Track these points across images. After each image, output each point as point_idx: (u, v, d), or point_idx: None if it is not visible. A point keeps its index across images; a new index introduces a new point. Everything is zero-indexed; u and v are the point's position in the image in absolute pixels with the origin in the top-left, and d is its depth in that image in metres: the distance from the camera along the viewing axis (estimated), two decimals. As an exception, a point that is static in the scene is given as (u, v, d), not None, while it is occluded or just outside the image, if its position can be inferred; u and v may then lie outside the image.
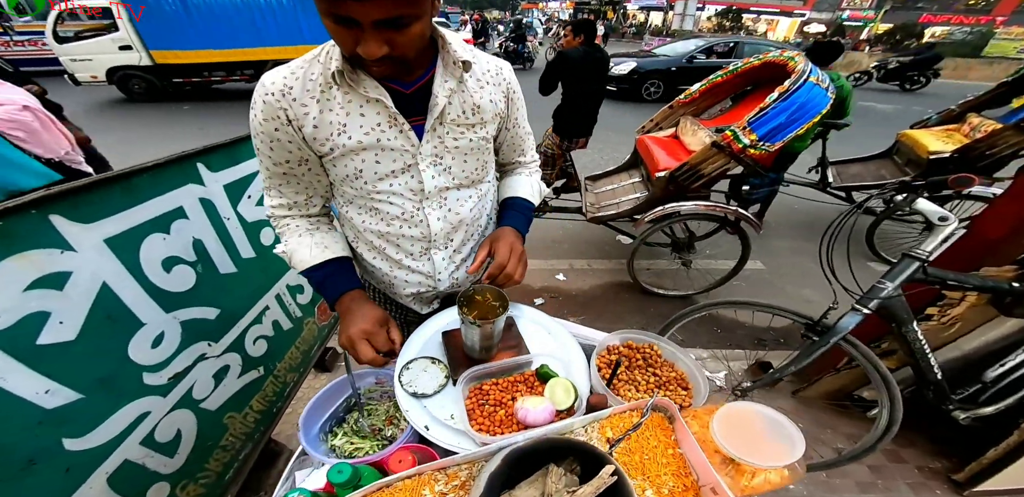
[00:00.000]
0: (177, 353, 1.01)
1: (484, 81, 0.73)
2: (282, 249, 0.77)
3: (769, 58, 2.49)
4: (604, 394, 0.64)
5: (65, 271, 0.78)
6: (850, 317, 1.17)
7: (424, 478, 0.50)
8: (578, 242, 3.31)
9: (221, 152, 1.16)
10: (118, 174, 0.88)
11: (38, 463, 0.73)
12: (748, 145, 1.99)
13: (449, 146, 0.71)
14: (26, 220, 0.73)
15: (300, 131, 0.65)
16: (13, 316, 0.70)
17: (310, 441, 0.64)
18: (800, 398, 1.77)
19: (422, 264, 0.81)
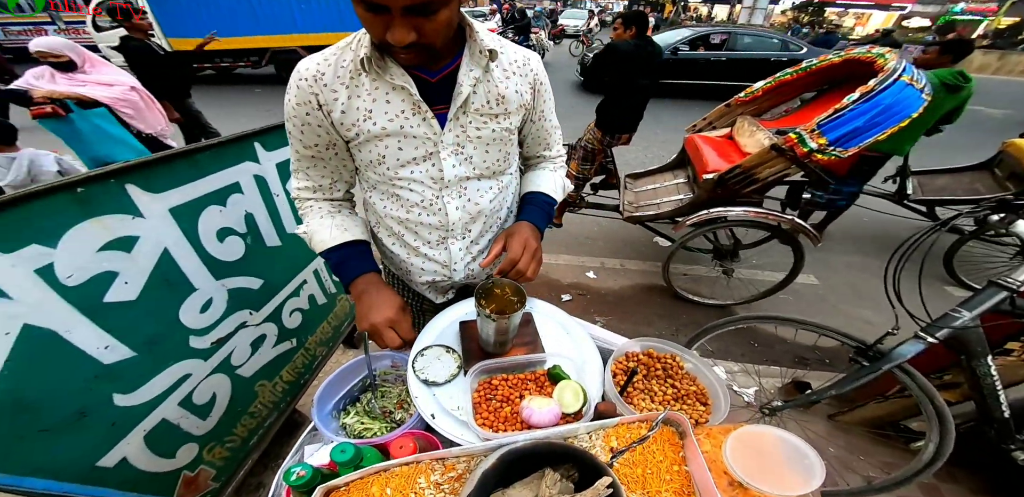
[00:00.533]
0: (222, 319, 1.10)
1: (510, 71, 0.72)
2: (303, 230, 0.80)
3: (853, 54, 2.24)
4: (614, 402, 0.62)
5: (134, 235, 0.86)
6: (911, 345, 1.06)
7: (422, 466, 0.52)
8: (612, 240, 3.22)
9: (276, 133, 1.23)
10: (186, 150, 0.96)
11: (88, 416, 0.81)
12: (815, 149, 1.81)
13: (471, 135, 0.71)
14: (106, 188, 0.81)
15: (329, 116, 0.67)
16: (86, 274, 0.79)
17: (322, 417, 0.67)
18: (837, 422, 1.64)
19: (438, 253, 0.82)
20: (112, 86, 2.35)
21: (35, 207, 0.70)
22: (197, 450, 1.05)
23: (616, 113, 2.80)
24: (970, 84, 2.44)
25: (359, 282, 0.75)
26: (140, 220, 0.88)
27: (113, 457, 0.84)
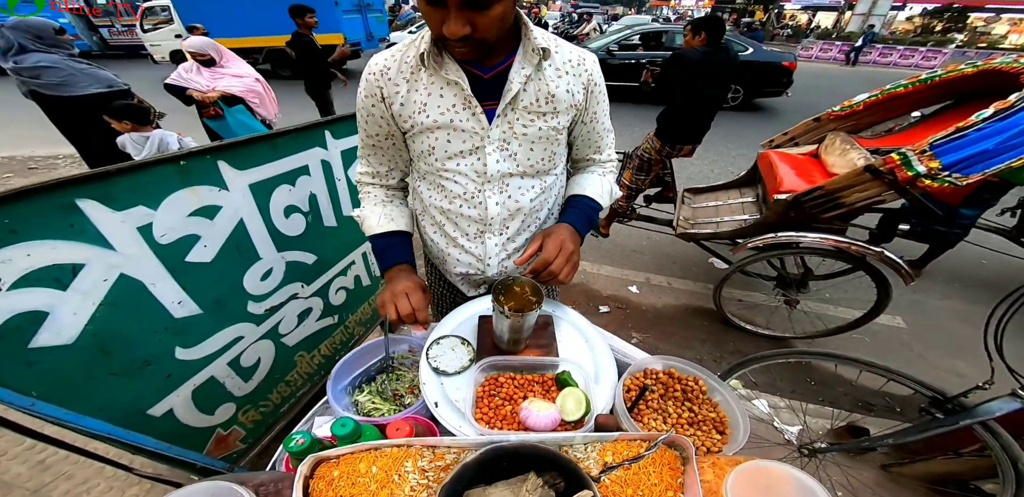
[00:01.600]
0: (278, 289, 1.22)
1: (564, 70, 0.72)
2: (358, 213, 0.87)
3: (994, 64, 1.92)
4: (620, 417, 0.59)
5: (218, 205, 0.99)
6: (1004, 402, 0.90)
7: (412, 451, 0.54)
8: (660, 256, 3.06)
9: (344, 123, 1.34)
10: (268, 134, 1.09)
11: (152, 365, 0.93)
12: (923, 174, 1.55)
13: (517, 132, 0.73)
14: (201, 162, 0.94)
15: (390, 108, 0.73)
16: (176, 234, 0.92)
17: (336, 392, 0.72)
18: (891, 473, 1.42)
19: (475, 246, 0.84)
20: (242, 78, 2.79)
21: (147, 174, 0.84)
22: (234, 410, 1.18)
23: (678, 123, 2.65)
24: None
25: (393, 269, 0.81)
26: (225, 192, 1.00)
27: (162, 407, 0.96)
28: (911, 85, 2.24)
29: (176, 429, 1.01)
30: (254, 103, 2.86)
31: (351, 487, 0.48)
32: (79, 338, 0.78)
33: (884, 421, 1.64)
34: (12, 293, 0.68)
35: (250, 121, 2.85)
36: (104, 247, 0.79)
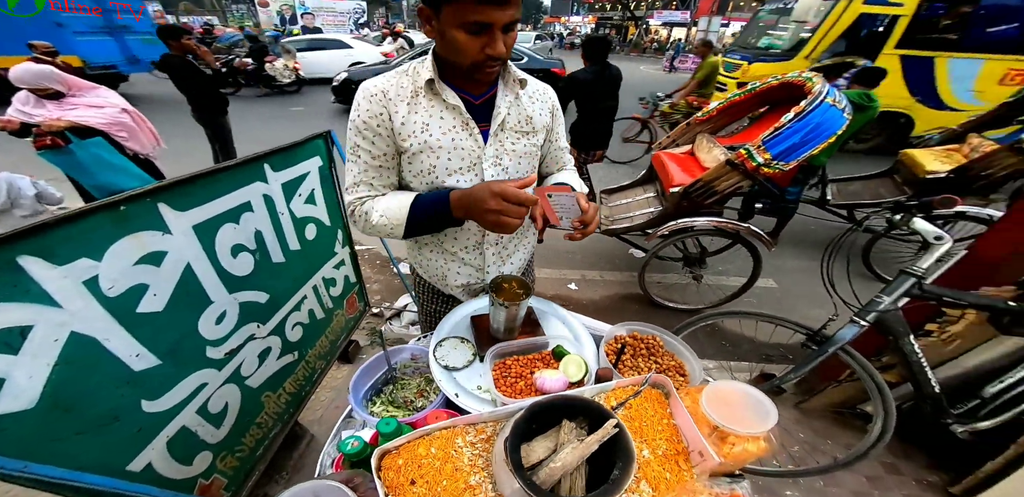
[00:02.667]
0: (234, 331, 1.16)
1: (535, 98, 0.89)
2: (381, 214, 0.83)
3: (788, 78, 2.58)
4: (610, 368, 0.75)
5: (163, 250, 0.94)
6: (848, 328, 1.26)
7: (457, 430, 0.62)
8: (590, 254, 3.41)
9: (282, 154, 1.33)
10: (208, 170, 1.05)
11: (120, 420, 0.86)
12: (762, 164, 2.06)
13: (508, 149, 0.86)
14: (142, 206, 0.89)
15: (390, 124, 0.80)
16: (124, 285, 0.86)
17: (357, 403, 0.76)
18: (803, 409, 1.82)
19: (474, 257, 0.95)
20: (103, 108, 2.36)
21: (86, 223, 0.78)
22: (211, 458, 1.09)
23: (587, 132, 3.06)
24: (874, 103, 2.88)
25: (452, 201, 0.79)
26: (168, 236, 0.95)
27: (140, 462, 0.89)
28: (742, 94, 2.87)
29: (158, 483, 0.92)
30: (121, 137, 2.44)
31: (418, 469, 0.56)
32: (40, 401, 0.70)
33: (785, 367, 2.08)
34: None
35: (111, 157, 2.39)
36: (50, 305, 0.72)
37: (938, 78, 5.82)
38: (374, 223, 0.84)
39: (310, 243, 1.52)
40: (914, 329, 1.27)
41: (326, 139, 1.58)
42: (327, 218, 1.62)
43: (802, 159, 2.04)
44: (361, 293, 1.94)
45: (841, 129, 1.99)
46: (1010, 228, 1.21)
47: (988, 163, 2.54)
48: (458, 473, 0.57)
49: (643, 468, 0.61)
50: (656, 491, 0.60)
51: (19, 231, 0.68)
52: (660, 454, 0.63)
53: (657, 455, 0.63)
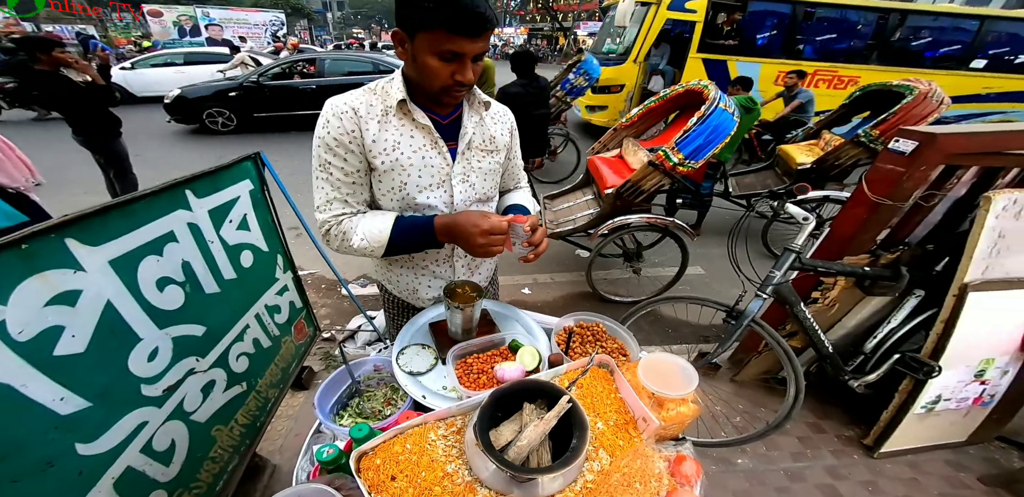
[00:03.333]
0: (170, 367, 1.08)
1: (496, 119, 0.96)
2: (363, 236, 0.85)
3: (690, 86, 2.90)
4: (560, 354, 0.83)
5: (77, 289, 0.87)
6: (755, 302, 1.46)
7: (429, 426, 0.66)
8: (541, 258, 3.52)
9: (206, 179, 1.27)
10: (120, 201, 0.99)
11: (55, 465, 0.79)
12: (677, 163, 2.31)
13: (474, 167, 0.92)
14: (47, 242, 0.83)
15: (362, 140, 0.82)
16: (34, 329, 0.79)
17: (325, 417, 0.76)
18: (738, 383, 2.05)
19: (444, 269, 0.99)
20: None
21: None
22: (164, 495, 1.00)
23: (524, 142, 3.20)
24: (757, 106, 3.38)
25: (437, 226, 0.83)
26: (82, 273, 0.89)
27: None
28: (657, 101, 3.15)
29: None
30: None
31: (397, 465, 0.59)
32: None
33: None
34: None
35: None
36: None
37: None
38: (354, 246, 0.85)
39: (247, 270, 1.45)
40: (804, 298, 1.52)
41: (255, 161, 1.53)
42: (263, 243, 1.55)
43: (708, 157, 2.32)
44: (309, 318, 1.87)
45: (734, 130, 2.31)
46: (855, 207, 1.49)
47: (837, 154, 3.09)
48: (435, 464, 0.61)
49: (599, 438, 0.69)
50: (613, 457, 0.68)
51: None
52: (612, 424, 0.72)
53: (609, 426, 0.71)
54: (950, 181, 1.37)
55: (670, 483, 0.70)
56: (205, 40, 17.84)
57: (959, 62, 6.74)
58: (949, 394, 1.54)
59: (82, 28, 18.57)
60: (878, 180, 1.37)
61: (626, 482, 0.66)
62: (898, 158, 1.30)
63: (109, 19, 24.08)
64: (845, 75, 6.72)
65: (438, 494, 0.58)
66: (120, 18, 24.34)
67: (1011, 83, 6.89)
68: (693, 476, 0.72)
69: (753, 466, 1.70)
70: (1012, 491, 1.58)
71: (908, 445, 1.68)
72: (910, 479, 1.65)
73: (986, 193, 1.30)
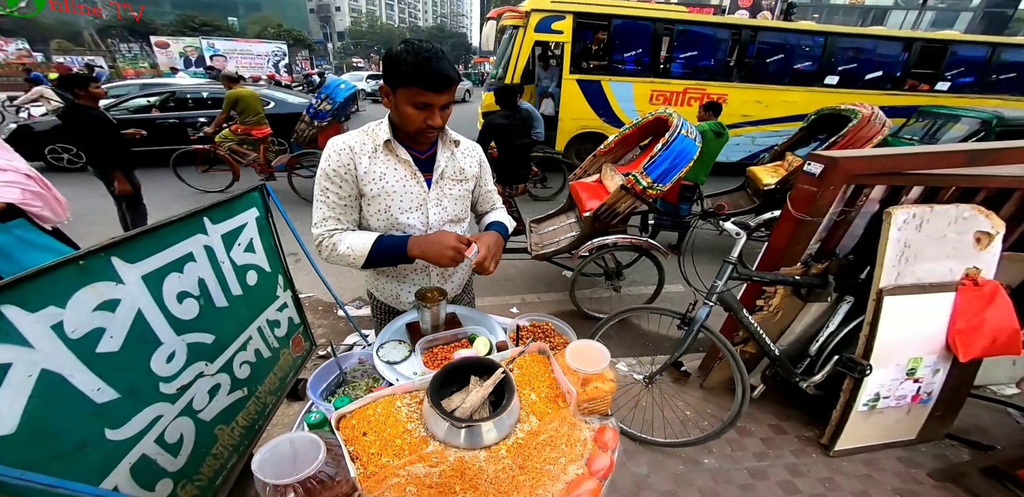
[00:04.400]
0: (184, 369, 1.27)
1: (465, 154, 1.20)
2: (348, 247, 1.07)
3: (658, 114, 3.16)
4: (506, 341, 1.03)
5: (117, 298, 1.08)
6: (703, 309, 1.66)
7: (396, 396, 0.85)
8: (527, 278, 3.74)
9: (221, 208, 1.51)
10: (153, 226, 1.22)
11: (88, 446, 0.97)
12: (647, 186, 2.56)
13: (446, 193, 1.15)
14: (97, 260, 1.05)
15: (355, 172, 1.05)
16: (84, 329, 0.99)
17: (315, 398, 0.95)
18: (707, 389, 2.19)
19: (421, 278, 1.22)
20: (5, 171, 2.09)
21: (53, 276, 0.93)
22: (172, 486, 1.17)
23: (508, 168, 3.50)
24: (726, 131, 3.69)
25: (410, 245, 1.04)
26: (121, 286, 1.10)
27: (107, 485, 0.99)
28: (631, 128, 3.41)
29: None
30: (36, 208, 2.14)
31: (368, 424, 0.78)
32: (19, 427, 0.82)
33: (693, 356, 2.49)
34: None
35: (35, 237, 2.14)
36: (26, 346, 0.85)
37: (610, 99, 6.72)
38: (340, 253, 1.07)
39: (252, 288, 1.66)
40: (751, 306, 1.71)
41: (262, 192, 1.78)
42: (267, 264, 1.77)
43: (674, 181, 2.58)
44: (306, 333, 2.05)
45: (695, 156, 2.57)
46: (784, 223, 1.70)
47: (795, 174, 3.34)
48: (398, 424, 0.79)
49: (531, 406, 0.88)
50: (541, 421, 0.86)
51: (3, 284, 0.83)
52: (543, 397, 0.90)
53: (541, 397, 0.90)
54: (860, 199, 1.60)
55: (593, 448, 0.88)
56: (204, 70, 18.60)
57: (814, 78, 6.94)
58: (887, 392, 1.70)
59: (91, 59, 19.43)
60: (798, 199, 1.60)
61: (552, 443, 0.85)
62: (811, 179, 1.54)
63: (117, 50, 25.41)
64: (714, 93, 6.83)
65: (398, 445, 0.77)
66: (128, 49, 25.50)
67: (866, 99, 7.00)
68: (611, 442, 0.90)
69: (719, 465, 1.82)
70: (960, 484, 1.70)
71: (860, 443, 1.81)
72: (864, 475, 1.77)
73: (887, 209, 1.53)
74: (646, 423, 1.95)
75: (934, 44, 7.10)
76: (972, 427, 2.02)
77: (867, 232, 1.69)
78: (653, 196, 2.61)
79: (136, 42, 26.48)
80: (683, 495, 1.69)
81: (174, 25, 29.81)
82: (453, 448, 0.78)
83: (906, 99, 7.19)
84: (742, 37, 6.73)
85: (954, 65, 7.21)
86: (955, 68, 7.24)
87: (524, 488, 0.77)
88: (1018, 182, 1.65)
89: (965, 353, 1.60)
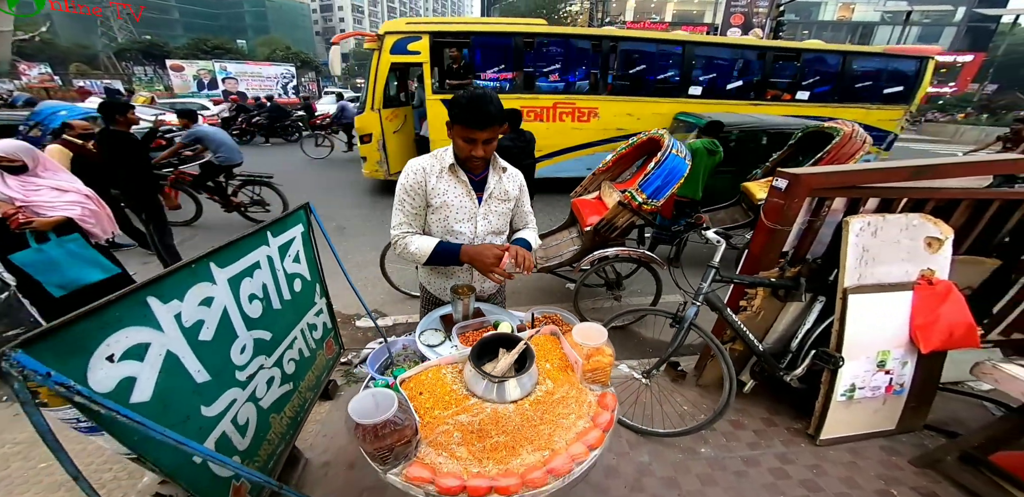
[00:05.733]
0: (251, 360, 1.54)
1: (510, 179, 1.51)
2: (416, 247, 1.39)
3: (652, 134, 3.49)
4: (525, 325, 1.29)
5: (212, 296, 1.37)
6: (691, 308, 1.92)
7: (442, 366, 1.12)
8: (533, 291, 4.00)
9: (279, 223, 1.81)
10: (236, 238, 1.52)
11: (190, 419, 1.22)
12: (642, 202, 2.86)
13: (492, 209, 1.47)
14: (201, 264, 1.33)
15: (426, 188, 1.37)
16: (192, 320, 1.27)
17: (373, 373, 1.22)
18: (703, 386, 2.41)
19: (466, 277, 1.53)
20: (67, 192, 2.38)
21: (177, 276, 1.22)
22: (240, 463, 1.39)
23: None
24: (720, 149, 4.01)
25: (464, 252, 1.35)
26: (215, 286, 1.39)
27: (199, 457, 1.21)
28: (627, 147, 3.73)
29: (211, 477, 1.23)
30: (89, 225, 2.44)
31: (423, 385, 1.05)
32: (152, 397, 1.07)
33: (688, 358, 2.72)
34: (120, 364, 1.00)
35: (85, 251, 2.42)
36: (159, 330, 1.13)
37: None
38: (411, 251, 1.41)
39: (297, 294, 1.94)
40: (736, 307, 1.97)
41: (306, 210, 2.09)
42: (308, 274, 2.06)
43: (666, 197, 2.88)
44: (336, 337, 2.32)
45: (685, 173, 2.87)
46: (759, 231, 1.96)
47: None
48: (445, 385, 1.06)
49: (547, 373, 1.14)
50: (554, 384, 1.12)
51: (148, 281, 1.12)
52: (556, 366, 1.17)
53: (555, 367, 1.17)
54: (823, 210, 1.89)
55: (596, 408, 1.14)
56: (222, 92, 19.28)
57: (679, 90, 6.96)
58: (862, 383, 1.93)
59: (108, 82, 20.33)
60: (769, 210, 1.89)
61: (564, 401, 1.11)
62: (779, 193, 1.84)
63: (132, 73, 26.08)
64: (584, 107, 6.81)
65: (447, 400, 1.04)
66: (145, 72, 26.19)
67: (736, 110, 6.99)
68: (611, 403, 1.16)
69: (715, 454, 2.03)
70: (937, 469, 1.90)
71: (843, 433, 2.02)
72: (850, 462, 1.97)
73: (845, 218, 1.81)
74: (647, 417, 2.17)
75: (788, 53, 7.23)
76: (951, 420, 2.22)
77: (833, 239, 1.96)
78: (649, 211, 2.91)
79: (151, 65, 27.37)
80: (682, 481, 1.89)
81: (187, 48, 31.10)
82: (489, 402, 1.04)
83: (768, 109, 7.19)
84: (602, 48, 6.65)
85: (811, 75, 7.33)
86: (812, 77, 7.35)
87: (544, 434, 1.02)
88: (962, 193, 1.94)
89: (925, 345, 1.84)
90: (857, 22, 36.08)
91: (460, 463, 0.95)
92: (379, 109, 6.26)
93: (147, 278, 1.12)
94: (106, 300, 0.98)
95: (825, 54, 7.34)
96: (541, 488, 0.91)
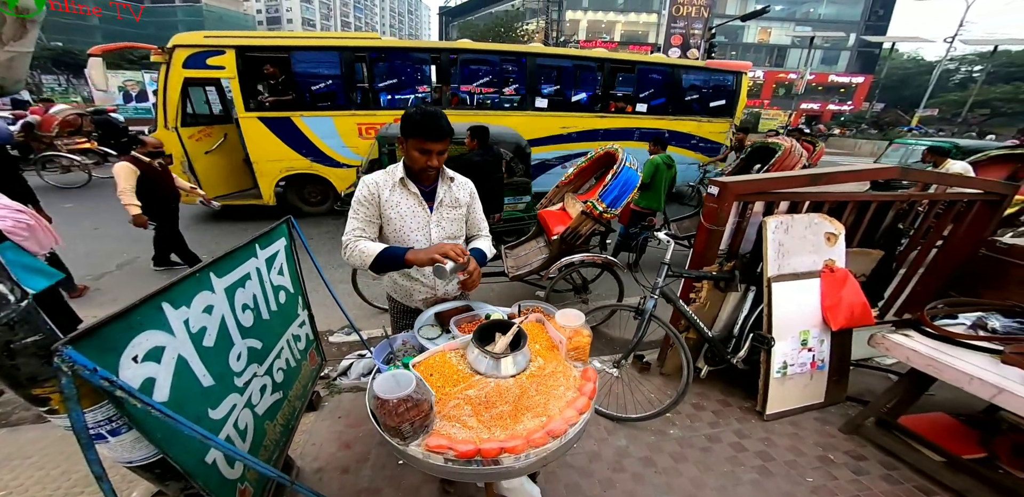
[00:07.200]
0: (246, 368, 1.60)
1: (459, 187, 1.69)
2: (361, 247, 1.48)
3: (608, 149, 3.85)
4: (515, 314, 1.49)
5: (212, 304, 1.44)
6: (650, 301, 2.21)
7: (446, 351, 1.28)
8: (505, 299, 4.18)
9: (265, 236, 1.89)
10: (232, 249, 1.60)
11: (200, 421, 1.28)
12: (603, 211, 3.17)
13: (444, 217, 1.63)
14: (201, 277, 1.41)
15: (379, 200, 1.52)
16: (198, 326, 1.34)
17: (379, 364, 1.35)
18: (666, 375, 2.69)
19: (428, 280, 1.67)
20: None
21: (185, 284, 1.30)
22: (243, 467, 1.44)
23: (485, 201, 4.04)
24: (675, 163, 4.48)
25: (408, 255, 1.44)
26: (214, 294, 1.46)
27: (209, 458, 1.27)
28: (586, 161, 4.06)
29: (220, 479, 1.28)
30: (21, 237, 2.45)
31: (432, 368, 1.21)
32: (169, 397, 1.14)
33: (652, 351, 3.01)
34: (143, 364, 1.07)
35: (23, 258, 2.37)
36: (172, 334, 1.21)
37: (310, 137, 6.03)
38: (356, 253, 1.48)
39: (282, 305, 2.01)
40: (688, 299, 2.28)
41: (288, 224, 2.17)
42: (291, 286, 2.13)
43: (623, 207, 3.22)
44: (319, 348, 2.37)
45: (638, 185, 3.22)
46: (700, 232, 2.28)
47: None
48: (451, 367, 1.22)
49: (537, 352, 1.34)
50: (545, 361, 1.32)
51: (163, 287, 1.20)
52: (544, 347, 1.37)
53: (544, 347, 1.37)
54: (748, 212, 2.27)
55: (581, 380, 1.34)
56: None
57: (525, 102, 6.86)
58: (792, 360, 2.29)
59: None
60: (707, 213, 2.24)
61: (554, 376, 1.30)
62: (713, 198, 2.19)
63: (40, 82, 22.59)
64: None
65: (455, 379, 1.20)
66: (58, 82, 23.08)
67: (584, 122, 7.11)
68: (592, 376, 1.37)
69: (682, 434, 2.29)
70: (860, 434, 2.27)
71: (784, 407, 2.36)
72: (793, 434, 2.30)
73: (764, 218, 2.20)
74: (620, 406, 2.40)
75: (624, 65, 7.36)
76: (867, 392, 2.64)
77: (758, 236, 2.35)
78: (608, 219, 3.22)
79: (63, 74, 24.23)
80: (657, 459, 2.12)
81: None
82: (491, 378, 1.22)
83: (612, 121, 7.29)
84: (442, 60, 6.47)
85: (645, 87, 7.46)
86: (646, 90, 7.47)
87: (540, 403, 1.21)
88: (846, 196, 2.40)
89: (834, 323, 2.24)
90: (773, 45, 40.36)
91: (472, 431, 1.11)
92: (175, 127, 5.53)
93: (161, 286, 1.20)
94: (132, 304, 1.07)
95: (656, 66, 7.50)
96: (543, 446, 1.09)
